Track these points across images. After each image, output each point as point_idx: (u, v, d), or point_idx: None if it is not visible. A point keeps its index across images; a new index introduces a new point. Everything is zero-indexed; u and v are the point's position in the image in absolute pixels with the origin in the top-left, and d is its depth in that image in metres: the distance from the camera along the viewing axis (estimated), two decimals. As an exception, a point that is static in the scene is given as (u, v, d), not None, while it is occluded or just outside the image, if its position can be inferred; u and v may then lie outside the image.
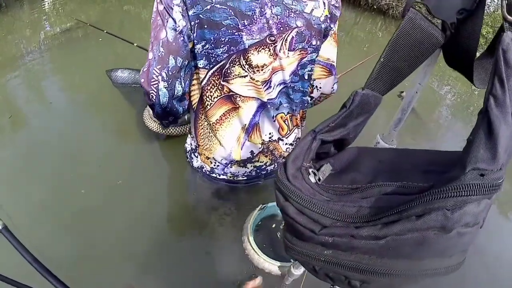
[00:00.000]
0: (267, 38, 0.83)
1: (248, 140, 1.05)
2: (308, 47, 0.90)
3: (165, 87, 0.86)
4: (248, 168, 1.17)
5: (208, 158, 1.14)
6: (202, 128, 1.05)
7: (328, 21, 0.89)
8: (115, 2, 3.47)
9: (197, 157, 1.19)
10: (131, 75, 1.60)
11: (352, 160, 0.43)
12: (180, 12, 0.76)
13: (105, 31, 1.66)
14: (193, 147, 1.16)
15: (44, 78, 1.91)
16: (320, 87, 1.06)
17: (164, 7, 0.76)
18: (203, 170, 1.20)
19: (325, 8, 0.88)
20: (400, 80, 0.42)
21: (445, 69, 2.66)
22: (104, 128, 1.66)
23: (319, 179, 0.37)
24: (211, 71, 0.87)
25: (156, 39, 0.80)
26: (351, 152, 0.44)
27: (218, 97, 0.94)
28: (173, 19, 0.76)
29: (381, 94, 0.41)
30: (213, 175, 1.19)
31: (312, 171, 0.36)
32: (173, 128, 1.57)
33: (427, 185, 0.34)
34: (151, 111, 1.55)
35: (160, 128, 1.55)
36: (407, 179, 0.36)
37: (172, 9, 0.75)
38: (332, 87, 1.09)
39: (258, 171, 1.19)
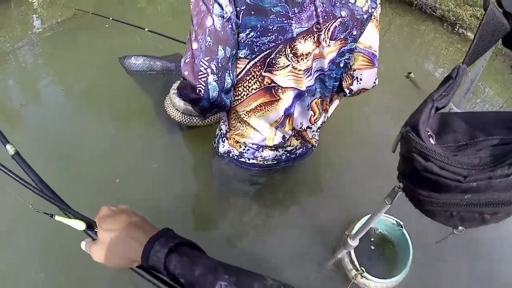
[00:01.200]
0: (314, 27, 0.81)
1: (280, 129, 1.04)
2: (349, 37, 0.88)
3: (215, 80, 0.79)
4: (279, 152, 1.16)
5: (238, 142, 1.10)
6: (234, 113, 1.01)
7: (370, 10, 0.86)
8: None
9: (224, 142, 1.15)
10: (146, 61, 1.56)
11: (441, 124, 0.54)
12: None
13: (110, 18, 1.60)
14: (224, 131, 1.12)
15: (54, 67, 1.81)
16: (361, 79, 1.00)
17: None
18: (230, 155, 1.17)
19: None
20: (478, 58, 0.53)
21: (438, 53, 2.92)
22: (124, 118, 1.61)
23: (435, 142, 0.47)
24: (253, 61, 0.82)
25: (201, 27, 0.72)
26: (436, 118, 0.55)
27: (257, 89, 0.89)
28: (219, 4, 0.70)
29: (467, 69, 0.51)
30: (242, 159, 1.16)
31: (429, 134, 0.47)
32: (197, 119, 1.50)
33: (519, 137, 0.45)
34: (174, 100, 1.46)
35: (183, 118, 1.49)
36: (499, 134, 0.47)
37: None
38: (374, 82, 1.04)
39: (288, 154, 1.19)
